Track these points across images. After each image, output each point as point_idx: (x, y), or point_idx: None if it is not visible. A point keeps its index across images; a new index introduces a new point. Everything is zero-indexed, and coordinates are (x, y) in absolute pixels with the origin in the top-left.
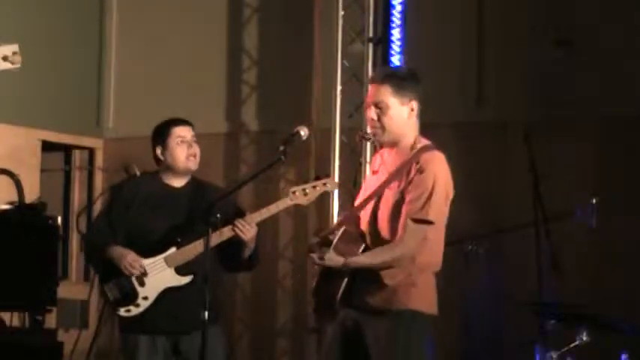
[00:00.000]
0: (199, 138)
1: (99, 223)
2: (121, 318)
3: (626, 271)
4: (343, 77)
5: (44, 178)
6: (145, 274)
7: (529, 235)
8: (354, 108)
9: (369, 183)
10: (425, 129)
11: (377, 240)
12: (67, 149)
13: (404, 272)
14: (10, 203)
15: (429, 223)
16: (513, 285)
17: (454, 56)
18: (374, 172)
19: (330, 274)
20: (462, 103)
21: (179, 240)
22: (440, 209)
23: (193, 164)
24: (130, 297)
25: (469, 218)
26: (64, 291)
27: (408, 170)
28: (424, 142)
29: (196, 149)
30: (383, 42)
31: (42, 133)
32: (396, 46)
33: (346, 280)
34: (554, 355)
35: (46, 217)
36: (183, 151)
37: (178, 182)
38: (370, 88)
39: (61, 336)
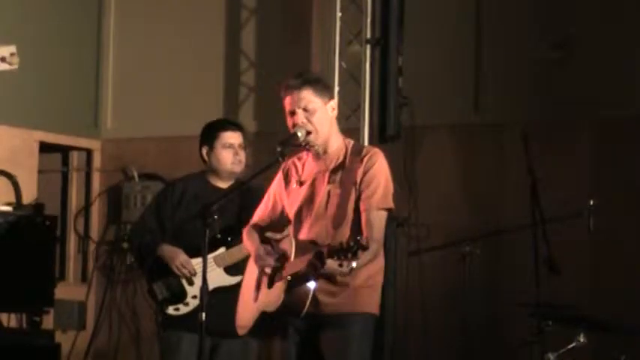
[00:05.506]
0: (197, 139)
1: (148, 223)
2: (165, 316)
3: (625, 272)
4: (341, 79)
5: (42, 179)
6: (194, 274)
7: (527, 237)
8: (352, 110)
9: (295, 194)
10: (423, 131)
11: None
12: (64, 150)
13: (364, 274)
14: (8, 204)
15: (390, 209)
16: (511, 286)
17: (452, 58)
18: (301, 184)
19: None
20: (460, 105)
21: (229, 240)
22: (392, 197)
23: (238, 168)
24: (179, 296)
25: (467, 219)
26: (61, 292)
27: (355, 169)
28: (349, 140)
29: (242, 156)
30: (381, 43)
31: (39, 134)
32: (393, 48)
33: (313, 287)
34: (552, 356)
35: (44, 218)
36: (229, 156)
37: (224, 183)
38: (289, 97)
39: (59, 337)
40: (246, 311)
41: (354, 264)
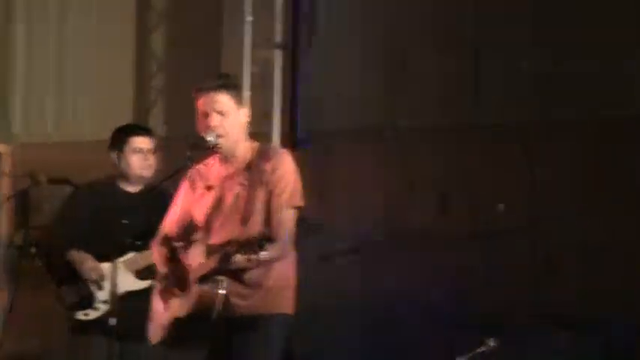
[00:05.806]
0: (107, 144)
1: (58, 228)
2: (75, 321)
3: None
4: (251, 83)
5: None
6: (103, 278)
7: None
8: (262, 115)
9: (203, 200)
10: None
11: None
12: None
13: (275, 273)
14: None
15: (299, 207)
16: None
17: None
18: (208, 189)
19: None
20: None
21: (138, 244)
22: (300, 195)
23: (148, 172)
24: (89, 301)
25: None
26: None
27: (262, 170)
28: (256, 143)
29: (152, 160)
30: (290, 48)
31: None
32: (303, 52)
33: (224, 291)
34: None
35: None
36: (139, 160)
37: (134, 188)
38: (204, 97)
39: None
40: (158, 319)
41: (261, 255)
